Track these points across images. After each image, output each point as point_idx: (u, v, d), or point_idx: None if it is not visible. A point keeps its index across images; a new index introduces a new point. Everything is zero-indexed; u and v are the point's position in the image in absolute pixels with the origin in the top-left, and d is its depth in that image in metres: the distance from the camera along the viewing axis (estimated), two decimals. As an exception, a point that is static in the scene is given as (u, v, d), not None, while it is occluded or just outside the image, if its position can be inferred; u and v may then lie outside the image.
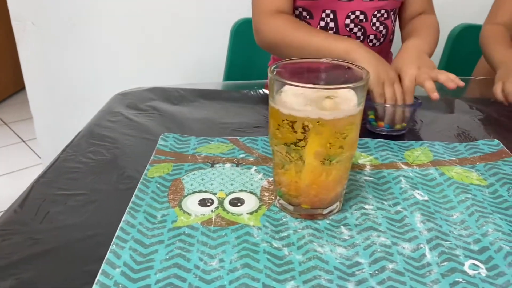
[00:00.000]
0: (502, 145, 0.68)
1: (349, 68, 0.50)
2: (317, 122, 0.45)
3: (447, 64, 1.33)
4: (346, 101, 0.46)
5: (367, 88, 0.47)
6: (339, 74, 0.51)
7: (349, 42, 0.76)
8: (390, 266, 0.44)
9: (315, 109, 0.45)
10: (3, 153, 2.29)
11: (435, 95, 0.69)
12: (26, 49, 1.63)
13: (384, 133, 0.70)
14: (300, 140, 0.46)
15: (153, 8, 1.54)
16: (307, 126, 0.45)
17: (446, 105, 0.85)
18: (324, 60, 0.51)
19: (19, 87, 2.81)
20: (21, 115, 2.61)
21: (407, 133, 0.73)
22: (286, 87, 0.46)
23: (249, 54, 1.28)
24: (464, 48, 1.33)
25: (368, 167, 0.61)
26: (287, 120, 0.46)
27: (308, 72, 0.52)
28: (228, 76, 1.31)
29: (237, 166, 0.61)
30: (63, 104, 1.71)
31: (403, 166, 0.62)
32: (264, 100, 0.84)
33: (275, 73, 0.48)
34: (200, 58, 1.59)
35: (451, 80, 0.69)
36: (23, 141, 2.39)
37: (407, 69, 0.72)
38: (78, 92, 1.68)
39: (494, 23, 1.04)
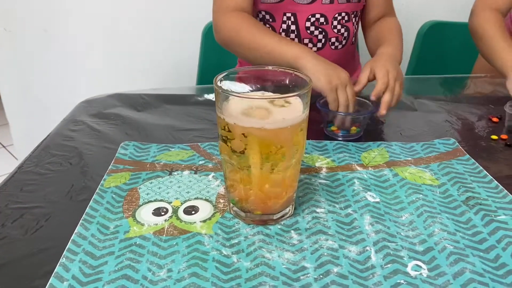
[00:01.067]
0: (457, 144, 0.69)
1: (295, 74, 0.51)
2: (262, 131, 0.46)
3: (417, 62, 1.34)
4: (293, 108, 0.47)
5: (310, 94, 0.48)
6: (285, 80, 0.52)
7: (300, 48, 0.76)
8: (335, 269, 0.45)
9: (259, 119, 0.46)
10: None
11: (383, 112, 0.71)
12: (-1, 55, 1.62)
13: (339, 139, 0.71)
14: (245, 148, 0.47)
15: (125, 14, 1.53)
16: (252, 135, 0.46)
17: (409, 104, 0.87)
18: (270, 68, 0.52)
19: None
20: (-1, 121, 2.58)
21: (367, 133, 0.74)
22: (231, 97, 0.47)
23: (221, 56, 1.28)
24: (433, 46, 1.35)
25: (324, 170, 0.63)
26: (232, 128, 0.47)
27: (256, 79, 0.53)
28: (201, 79, 1.31)
29: (195, 173, 0.62)
30: (38, 109, 1.70)
31: (358, 168, 0.63)
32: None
33: (220, 83, 0.49)
34: (175, 62, 1.59)
35: (386, 107, 0.71)
36: (4, 147, 2.36)
37: (379, 71, 0.74)
38: (52, 97, 1.67)
39: (488, 9, 0.94)
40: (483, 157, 0.66)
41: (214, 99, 0.83)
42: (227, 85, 0.49)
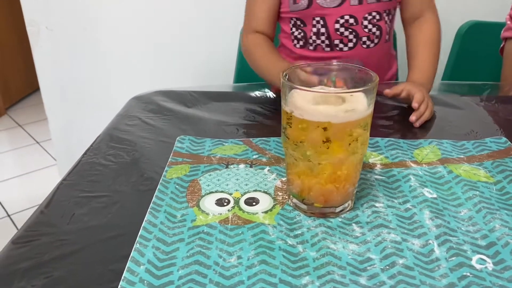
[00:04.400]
0: (509, 142, 0.69)
1: (359, 71, 0.52)
2: (328, 124, 0.47)
3: (455, 62, 1.34)
4: (357, 103, 0.48)
5: (376, 90, 0.49)
6: (349, 76, 0.53)
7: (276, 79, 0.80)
8: (400, 261, 0.46)
9: (325, 113, 0.47)
10: (18, 155, 2.34)
11: (413, 119, 0.77)
12: (40, 52, 1.67)
13: None
14: (312, 142, 0.48)
15: (164, 12, 1.57)
16: (318, 129, 0.47)
17: (456, 103, 0.87)
18: (335, 62, 0.54)
19: (32, 89, 2.86)
20: (35, 117, 2.66)
21: (417, 131, 0.75)
22: (297, 91, 0.49)
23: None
24: (473, 46, 1.34)
25: (378, 166, 0.63)
26: (298, 123, 0.48)
27: (321, 75, 0.54)
28: (238, 78, 1.33)
29: (251, 166, 0.63)
30: (76, 105, 1.75)
31: (413, 165, 0.64)
32: (273, 101, 0.87)
33: (287, 78, 0.50)
34: (210, 61, 1.62)
35: (418, 115, 0.77)
36: (38, 143, 2.43)
37: (416, 93, 0.80)
38: (91, 94, 1.71)
39: None
40: (537, 156, 0.66)
41: (274, 96, 0.87)
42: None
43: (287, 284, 0.43)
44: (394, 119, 0.80)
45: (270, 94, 0.91)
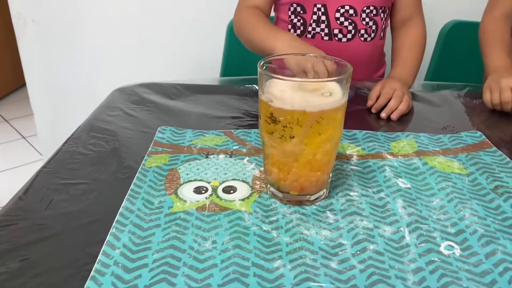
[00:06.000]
0: (484, 136, 0.71)
1: (334, 61, 0.53)
2: (304, 114, 0.48)
3: (438, 61, 1.36)
4: (331, 93, 0.49)
5: (350, 80, 0.50)
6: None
7: (275, 40, 0.80)
8: (371, 247, 0.47)
9: (301, 101, 0.48)
10: (3, 150, 2.32)
11: (382, 116, 0.79)
12: (26, 46, 1.66)
13: None
14: (288, 130, 0.49)
15: (151, 7, 1.57)
16: (294, 118, 0.48)
17: (435, 99, 0.88)
18: (311, 55, 0.55)
19: (18, 84, 2.84)
20: (21, 112, 2.64)
21: (395, 124, 0.76)
22: (274, 81, 0.49)
23: (245, 50, 1.31)
24: (456, 46, 1.36)
25: (355, 157, 0.65)
26: (275, 112, 0.49)
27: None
28: (225, 72, 1.34)
29: (230, 157, 0.64)
30: (63, 100, 1.74)
31: (389, 156, 0.65)
32: (256, 94, 0.87)
33: (264, 67, 0.51)
34: (197, 56, 1.62)
35: (389, 112, 0.79)
36: (23, 138, 2.41)
37: (385, 89, 0.83)
38: (77, 89, 1.70)
39: (494, 16, 1.02)
40: (510, 150, 0.68)
41: (256, 89, 0.87)
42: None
43: (259, 267, 0.43)
44: (372, 113, 0.81)
45: (255, 87, 0.91)
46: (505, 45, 0.97)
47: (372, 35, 0.97)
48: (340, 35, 0.95)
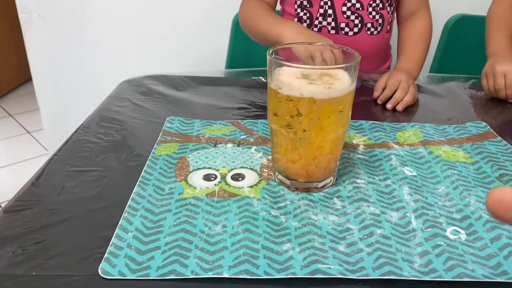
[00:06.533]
0: (489, 127, 0.72)
1: (342, 50, 0.54)
2: (312, 101, 0.49)
3: (442, 55, 1.36)
4: (340, 80, 0.50)
5: (358, 68, 0.51)
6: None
7: (282, 27, 0.81)
8: (378, 231, 0.48)
9: (310, 89, 0.49)
10: (8, 144, 2.33)
11: (388, 106, 0.80)
12: (33, 40, 1.67)
13: None
14: (296, 118, 0.50)
15: (157, 1, 1.57)
16: (303, 105, 0.49)
17: (440, 90, 0.89)
18: (319, 43, 0.55)
19: (23, 79, 2.85)
20: (26, 107, 2.65)
21: (400, 115, 0.77)
22: (283, 69, 0.50)
23: (250, 44, 1.31)
24: (461, 40, 1.36)
25: (361, 146, 0.66)
26: (284, 99, 0.50)
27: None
28: (230, 65, 1.35)
29: (238, 146, 0.65)
30: (69, 94, 1.75)
31: (395, 146, 0.66)
32: (262, 85, 0.88)
33: (273, 55, 0.52)
34: (203, 50, 1.63)
35: (394, 102, 0.80)
36: (28, 132, 2.43)
37: (391, 80, 0.84)
38: (83, 83, 1.72)
39: (502, 2, 1.01)
40: (514, 140, 0.69)
41: (263, 81, 0.88)
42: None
43: (269, 250, 0.44)
44: (378, 104, 0.82)
45: (261, 79, 0.92)
46: (508, 30, 0.96)
47: (379, 28, 0.97)
48: (346, 29, 0.95)
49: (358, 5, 0.93)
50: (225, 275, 0.42)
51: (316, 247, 0.45)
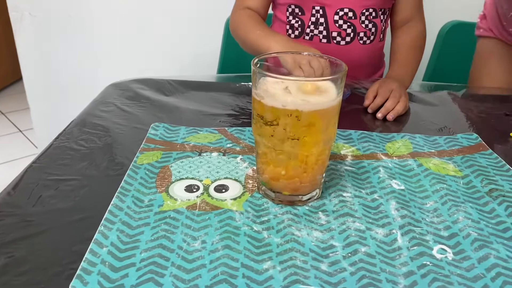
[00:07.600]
0: (480, 139, 0.70)
1: (329, 61, 0.53)
2: (297, 112, 0.47)
3: (436, 62, 1.35)
4: (325, 92, 0.49)
5: (345, 79, 0.49)
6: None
7: (270, 40, 0.79)
8: (363, 249, 0.46)
9: (294, 100, 0.47)
10: (0, 143, 2.31)
11: (378, 116, 0.79)
12: (23, 39, 1.65)
13: None
14: (279, 129, 0.48)
15: (149, 2, 1.56)
16: (287, 116, 0.48)
17: (431, 99, 0.88)
18: (305, 54, 0.54)
19: (16, 77, 2.82)
20: (18, 105, 2.63)
21: (391, 125, 0.75)
22: (268, 79, 0.49)
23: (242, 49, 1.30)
24: (454, 46, 1.35)
25: (349, 157, 0.64)
26: (266, 110, 0.48)
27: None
28: (222, 69, 1.33)
29: (223, 155, 0.64)
30: (59, 94, 1.73)
31: (383, 157, 0.64)
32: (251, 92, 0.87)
33: (258, 65, 0.50)
34: (195, 53, 1.61)
35: (385, 112, 0.78)
36: (20, 131, 2.40)
37: (382, 89, 0.82)
38: (74, 83, 1.70)
39: None
40: (506, 153, 0.67)
41: (249, 85, 0.87)
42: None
43: (249, 268, 0.43)
44: (368, 113, 0.80)
45: (250, 85, 0.91)
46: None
47: (372, 37, 0.96)
48: (338, 38, 0.94)
49: (350, 14, 0.92)
50: (201, 295, 0.40)
51: (298, 265, 0.44)
